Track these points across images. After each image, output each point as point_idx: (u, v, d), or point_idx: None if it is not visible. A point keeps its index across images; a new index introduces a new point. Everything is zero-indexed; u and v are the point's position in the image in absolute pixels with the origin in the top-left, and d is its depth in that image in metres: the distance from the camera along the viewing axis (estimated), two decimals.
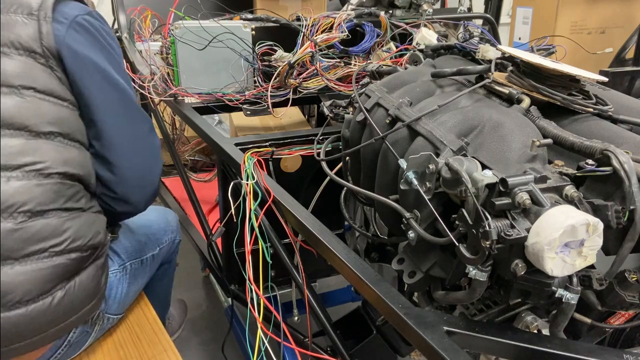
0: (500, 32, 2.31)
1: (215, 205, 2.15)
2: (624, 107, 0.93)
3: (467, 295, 0.75)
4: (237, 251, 1.22)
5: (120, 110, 1.10)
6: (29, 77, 0.99)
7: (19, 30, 0.99)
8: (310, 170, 1.37)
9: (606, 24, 2.66)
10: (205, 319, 2.10)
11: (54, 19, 1.01)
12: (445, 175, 0.73)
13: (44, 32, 1.00)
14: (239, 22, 1.67)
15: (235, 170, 1.24)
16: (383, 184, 0.96)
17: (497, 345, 0.72)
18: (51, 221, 0.98)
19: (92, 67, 1.05)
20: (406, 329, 0.72)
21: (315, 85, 1.65)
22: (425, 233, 0.77)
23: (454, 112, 0.87)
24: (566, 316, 0.71)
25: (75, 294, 1.02)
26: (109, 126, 1.08)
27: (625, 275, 0.69)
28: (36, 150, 0.97)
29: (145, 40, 1.70)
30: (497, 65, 0.97)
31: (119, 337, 1.22)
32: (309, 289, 1.09)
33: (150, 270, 1.35)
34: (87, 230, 1.04)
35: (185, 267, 2.32)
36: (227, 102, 1.60)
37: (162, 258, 1.42)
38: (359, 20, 1.75)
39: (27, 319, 0.95)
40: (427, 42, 1.50)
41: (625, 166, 0.67)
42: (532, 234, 0.63)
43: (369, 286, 0.79)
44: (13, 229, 0.93)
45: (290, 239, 1.13)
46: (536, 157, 0.75)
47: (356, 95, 1.10)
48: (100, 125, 1.07)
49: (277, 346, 1.03)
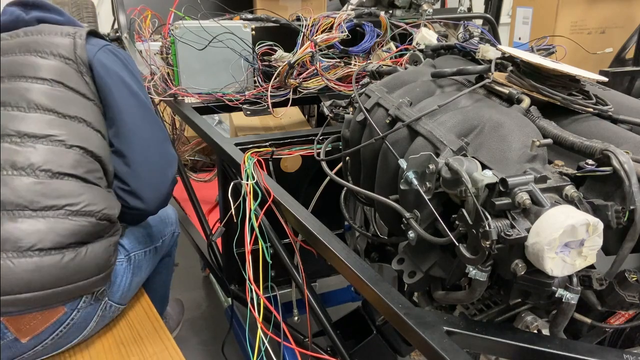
0: (500, 32, 2.31)
1: (215, 205, 2.15)
2: (624, 107, 0.93)
3: (467, 295, 0.75)
4: (237, 251, 1.22)
5: (139, 114, 1.24)
6: (60, 74, 1.16)
7: (57, 40, 1.18)
8: (310, 170, 1.37)
9: (606, 24, 2.66)
10: (205, 319, 2.09)
11: (87, 43, 1.20)
12: (445, 175, 0.73)
13: (78, 45, 1.18)
14: (239, 22, 1.67)
15: (235, 170, 1.24)
16: (383, 184, 0.96)
17: (497, 345, 0.72)
18: (69, 183, 1.09)
19: (118, 79, 1.22)
20: (406, 329, 0.72)
21: (315, 85, 1.65)
22: (425, 233, 0.77)
23: (454, 112, 0.87)
24: (566, 316, 0.71)
25: (86, 260, 1.08)
26: (128, 125, 1.22)
27: (625, 275, 0.69)
28: (62, 126, 1.12)
29: (145, 40, 1.70)
30: (497, 65, 0.97)
31: (120, 335, 1.23)
32: (309, 289, 1.09)
33: (152, 263, 1.38)
34: (103, 200, 1.13)
35: (185, 267, 2.32)
36: (227, 102, 1.60)
37: (164, 250, 1.45)
38: (359, 20, 1.75)
39: (37, 267, 1.02)
40: (427, 42, 1.50)
41: (625, 166, 0.67)
42: (532, 234, 0.63)
43: (369, 286, 0.79)
44: (34, 182, 1.05)
45: (290, 239, 1.13)
46: (536, 157, 0.75)
47: (356, 95, 1.10)
48: (119, 124, 1.22)
49: (277, 346, 1.03)
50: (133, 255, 1.28)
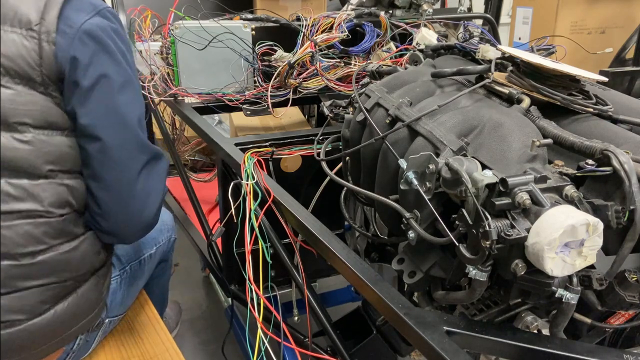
0: (500, 32, 2.31)
1: (215, 205, 2.15)
2: (624, 107, 0.93)
3: (467, 295, 0.75)
4: (237, 251, 1.22)
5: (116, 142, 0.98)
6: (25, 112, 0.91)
7: (16, 51, 0.89)
8: (310, 170, 1.37)
9: (606, 24, 2.66)
10: (205, 319, 2.09)
11: (58, 31, 0.90)
12: (445, 175, 0.73)
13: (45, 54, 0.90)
14: (239, 22, 1.67)
15: (235, 170, 1.24)
16: (383, 184, 0.96)
17: (497, 345, 0.72)
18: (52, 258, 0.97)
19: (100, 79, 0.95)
20: (406, 329, 0.72)
21: (315, 85, 1.65)
22: (425, 233, 0.77)
23: (454, 112, 0.87)
24: (566, 316, 0.71)
25: (78, 304, 1.03)
26: (99, 162, 0.98)
27: (625, 275, 0.69)
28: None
29: (145, 40, 1.70)
30: (497, 65, 0.97)
31: (121, 337, 1.23)
32: (309, 289, 1.09)
33: (148, 270, 1.36)
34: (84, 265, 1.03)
35: (185, 267, 2.32)
36: (227, 102, 1.60)
37: (159, 256, 1.43)
38: (359, 20, 1.75)
39: (26, 334, 0.95)
40: (427, 42, 1.49)
41: (625, 166, 0.67)
42: (532, 234, 0.63)
43: (369, 286, 0.79)
44: (13, 265, 0.93)
45: (290, 239, 1.13)
46: (536, 157, 0.75)
47: (356, 95, 1.10)
48: (92, 155, 0.98)
49: (277, 346, 1.03)
50: (128, 267, 1.24)
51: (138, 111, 1.02)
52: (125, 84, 0.99)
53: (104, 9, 0.97)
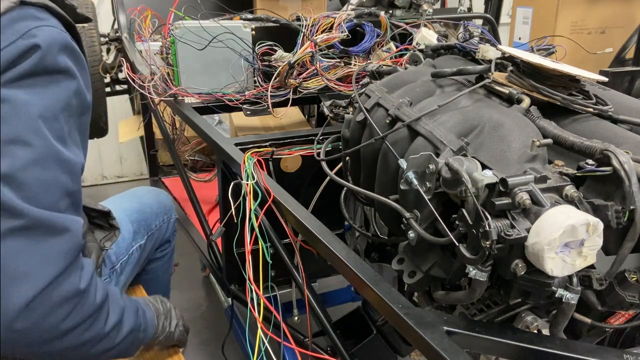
0: (500, 32, 2.31)
1: (215, 205, 2.15)
2: (624, 107, 0.93)
3: (467, 295, 0.75)
4: (237, 251, 1.22)
5: None
6: None
7: None
8: (310, 170, 1.37)
9: (606, 24, 2.66)
10: (205, 319, 2.10)
11: None
12: (445, 175, 0.73)
13: None
14: (239, 22, 1.66)
15: (235, 170, 1.24)
16: (383, 184, 0.96)
17: (497, 345, 0.72)
18: None
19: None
20: (406, 329, 0.72)
21: (315, 85, 1.65)
22: (425, 233, 0.77)
23: (454, 112, 0.87)
24: (566, 316, 0.71)
25: None
26: None
27: (625, 275, 0.69)
28: None
29: (145, 40, 1.70)
30: (497, 65, 0.97)
31: None
32: (309, 289, 1.09)
33: (140, 259, 1.34)
34: None
35: (185, 267, 2.33)
36: (227, 102, 1.60)
37: (153, 242, 1.41)
38: (359, 20, 1.75)
39: None
40: (427, 42, 1.49)
41: (625, 166, 0.67)
42: (532, 234, 0.63)
43: (369, 286, 0.79)
44: None
45: (290, 239, 1.13)
46: (536, 157, 0.75)
47: (356, 95, 1.10)
48: None
49: (277, 346, 1.03)
50: (118, 266, 1.22)
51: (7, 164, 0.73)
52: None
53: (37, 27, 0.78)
